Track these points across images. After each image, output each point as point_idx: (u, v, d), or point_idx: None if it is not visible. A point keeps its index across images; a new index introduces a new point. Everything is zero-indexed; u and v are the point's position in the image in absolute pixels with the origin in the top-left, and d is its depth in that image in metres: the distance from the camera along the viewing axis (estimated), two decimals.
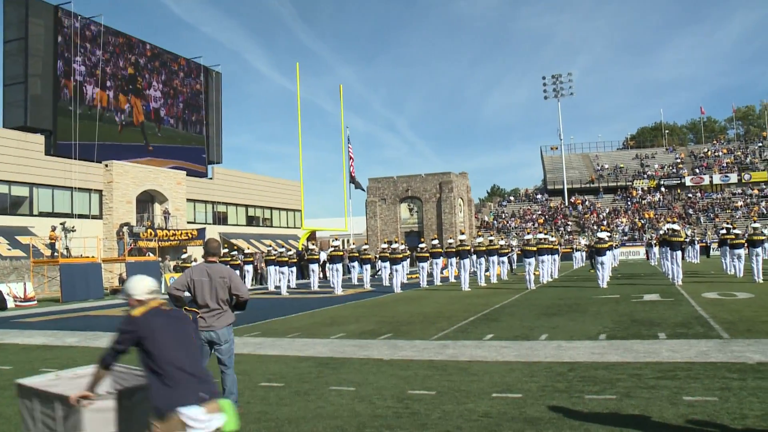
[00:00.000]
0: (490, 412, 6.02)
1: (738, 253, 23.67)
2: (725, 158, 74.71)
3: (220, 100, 51.72)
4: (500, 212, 75.38)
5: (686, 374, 7.25)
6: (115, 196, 38.67)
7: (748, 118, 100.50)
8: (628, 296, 17.56)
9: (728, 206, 64.81)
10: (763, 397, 6.13)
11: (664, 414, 5.71)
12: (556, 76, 76.73)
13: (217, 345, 6.33)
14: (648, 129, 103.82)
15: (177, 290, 6.41)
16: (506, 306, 16.43)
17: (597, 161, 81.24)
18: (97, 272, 27.89)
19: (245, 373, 8.30)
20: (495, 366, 8.28)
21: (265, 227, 54.85)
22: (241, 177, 52.98)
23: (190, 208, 46.14)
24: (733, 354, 8.31)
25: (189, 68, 48.12)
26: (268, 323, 14.65)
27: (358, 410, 6.29)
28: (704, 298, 15.87)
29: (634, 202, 69.98)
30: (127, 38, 42.61)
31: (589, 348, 9.34)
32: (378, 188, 61.97)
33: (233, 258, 29.46)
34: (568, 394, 6.60)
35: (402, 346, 10.33)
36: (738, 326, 10.75)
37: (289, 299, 22.74)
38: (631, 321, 12.19)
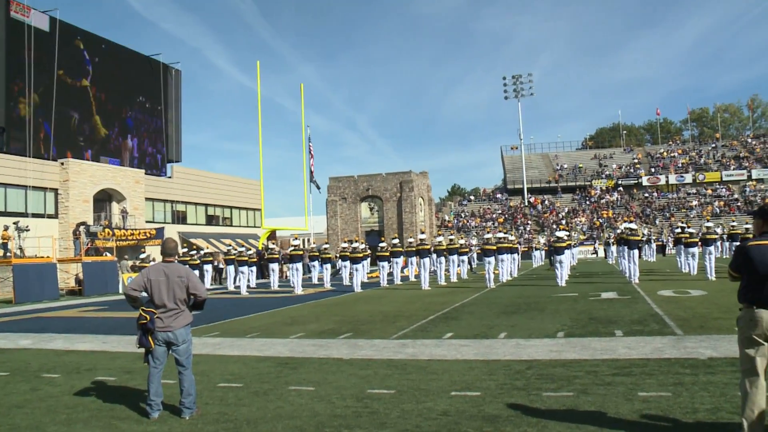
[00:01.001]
0: (449, 411, 6.05)
1: (692, 252, 24.16)
2: (680, 159, 76.28)
3: (180, 98, 51.15)
4: (460, 211, 75.82)
5: (641, 370, 7.37)
6: (71, 195, 37.94)
7: (702, 120, 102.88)
8: (586, 294, 17.79)
9: (683, 206, 66.16)
10: (713, 391, 6.27)
11: (620, 410, 5.80)
12: (516, 77, 77.49)
13: (174, 345, 6.26)
14: (606, 129, 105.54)
15: (134, 290, 6.33)
16: (466, 305, 16.52)
17: (556, 161, 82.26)
18: (53, 273, 27.36)
19: (204, 373, 8.22)
20: (454, 364, 8.32)
21: (225, 226, 54.36)
22: (200, 176, 52.42)
23: (149, 207, 45.51)
24: (686, 350, 8.47)
25: (147, 65, 47.45)
26: (227, 323, 14.53)
27: (318, 410, 6.27)
28: (660, 296, 16.16)
29: (593, 201, 70.97)
30: (83, 33, 41.84)
31: (547, 346, 9.43)
32: (339, 187, 61.87)
33: (192, 258, 29.16)
34: (526, 391, 6.66)
35: (362, 345, 10.32)
36: (691, 323, 10.97)
37: (248, 299, 22.58)
38: (589, 319, 12.35)
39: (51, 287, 26.64)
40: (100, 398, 7.15)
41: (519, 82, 77.47)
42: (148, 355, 6.27)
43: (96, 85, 42.39)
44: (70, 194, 37.84)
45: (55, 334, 13.59)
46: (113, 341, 12.07)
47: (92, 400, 7.12)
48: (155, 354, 6.24)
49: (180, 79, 51.23)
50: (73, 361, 9.86)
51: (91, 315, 18.72)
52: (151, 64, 47.87)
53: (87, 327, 15.11)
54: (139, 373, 8.18)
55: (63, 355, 10.74)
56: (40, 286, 26.03)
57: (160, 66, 48.73)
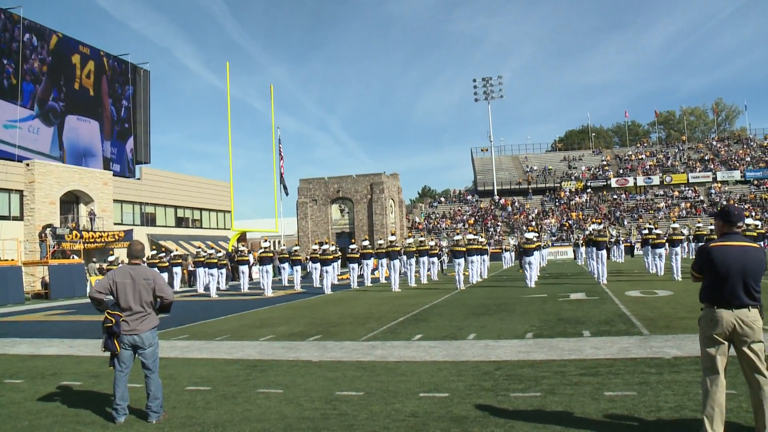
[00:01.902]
0: (417, 412, 6.07)
1: (659, 253, 24.49)
2: (648, 161, 77.27)
3: (148, 99, 50.64)
4: (431, 213, 76.03)
5: (608, 370, 7.46)
6: (37, 197, 37.34)
7: (669, 123, 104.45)
8: (555, 295, 17.94)
9: (651, 207, 67.02)
10: (677, 389, 6.37)
11: (586, 409, 5.87)
12: (486, 79, 78.00)
13: (141, 349, 6.20)
14: (576, 132, 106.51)
15: (99, 293, 6.25)
16: (436, 306, 16.58)
17: (526, 163, 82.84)
18: (17, 276, 26.93)
19: (171, 377, 8.15)
20: (423, 366, 8.35)
21: (195, 228, 53.91)
22: (169, 177, 51.95)
23: (117, 209, 44.98)
24: (652, 350, 8.59)
25: (115, 66, 46.94)
26: (196, 326, 14.43)
27: (286, 412, 6.26)
28: (627, 296, 16.35)
29: (562, 203, 71.60)
30: (49, 33, 41.24)
31: (516, 347, 9.50)
32: (309, 189, 61.70)
33: (161, 260, 28.89)
34: (494, 392, 6.70)
35: (331, 347, 10.31)
36: (657, 323, 11.12)
37: (218, 301, 22.44)
38: (558, 319, 12.46)
39: (16, 291, 26.22)
40: (65, 403, 7.06)
41: (489, 84, 77.98)
42: (113, 358, 6.21)
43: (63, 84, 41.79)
44: (36, 196, 37.24)
45: (19, 339, 13.39)
46: (80, 345, 11.92)
47: (57, 405, 7.02)
48: (121, 357, 6.17)
49: (149, 80, 50.73)
50: (37, 366, 9.72)
51: (57, 319, 18.48)
52: (118, 63, 47.33)
53: (53, 331, 14.91)
54: (106, 378, 8.08)
55: (27, 360, 10.57)
56: (5, 290, 25.60)
57: (128, 66, 48.21)
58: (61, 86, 41.51)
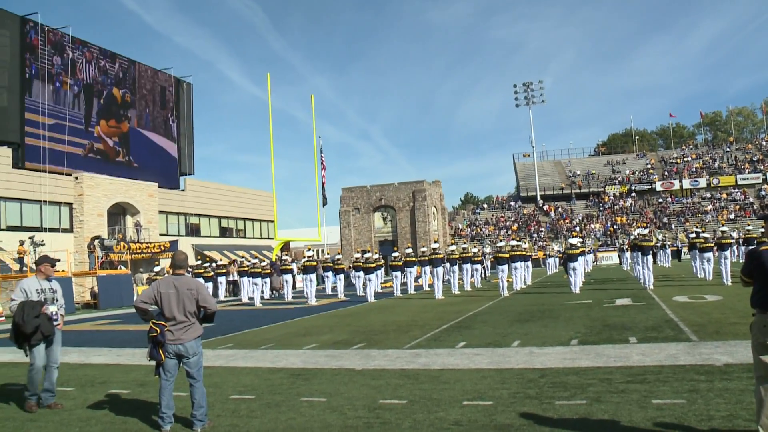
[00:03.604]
0: (461, 420, 6.01)
1: (707, 257, 23.94)
2: (694, 163, 75.83)
3: (192, 111, 51.45)
4: (474, 220, 75.68)
5: (656, 378, 7.30)
6: (85, 209, 38.21)
7: (716, 124, 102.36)
8: (600, 301, 17.68)
9: (698, 210, 65.71)
10: (729, 398, 6.19)
11: (633, 418, 5.75)
12: (527, 84, 77.54)
13: (185, 358, 6.26)
14: (619, 135, 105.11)
15: (144, 303, 6.35)
16: (479, 313, 16.46)
17: (569, 168, 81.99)
18: (68, 286, 27.48)
19: (216, 385, 8.22)
20: (467, 374, 8.28)
21: (239, 238, 54.52)
22: (213, 188, 52.64)
23: (163, 221, 45.74)
24: (701, 356, 8.39)
25: (159, 79, 47.78)
26: (240, 335, 14.55)
27: (329, 421, 6.26)
28: (675, 302, 16.02)
29: (607, 207, 70.64)
30: (95, 49, 42.19)
31: (560, 354, 9.37)
32: (351, 197, 61.89)
33: (206, 270, 29.23)
34: (538, 400, 6.61)
35: (374, 355, 10.30)
36: (707, 329, 10.86)
37: (262, 310, 22.60)
38: (603, 326, 12.26)
39: (67, 301, 26.28)
40: (113, 411, 7.17)
41: (530, 89, 77.50)
42: (159, 368, 6.28)
43: (108, 99, 42.70)
44: (84, 208, 38.11)
45: (70, 348, 13.63)
46: (127, 354, 12.11)
47: (105, 413, 7.14)
48: (166, 367, 6.24)
49: (191, 93, 51.53)
50: (87, 375, 9.90)
51: (106, 328, 18.82)
52: (163, 78, 48.16)
53: (102, 340, 15.18)
54: (153, 386, 8.18)
55: (77, 368, 10.78)
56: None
57: (172, 80, 49.03)
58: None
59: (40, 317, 7.33)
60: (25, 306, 7.34)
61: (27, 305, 7.34)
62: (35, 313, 7.31)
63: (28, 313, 7.27)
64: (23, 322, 7.23)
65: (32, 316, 7.28)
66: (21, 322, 7.24)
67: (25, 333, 7.29)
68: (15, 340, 7.44)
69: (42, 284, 7.70)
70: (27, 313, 7.28)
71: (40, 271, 7.82)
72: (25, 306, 7.34)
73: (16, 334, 7.38)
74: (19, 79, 36.17)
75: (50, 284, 7.81)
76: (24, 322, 7.23)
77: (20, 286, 7.62)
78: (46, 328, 7.40)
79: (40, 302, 7.47)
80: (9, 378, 10.05)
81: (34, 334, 7.31)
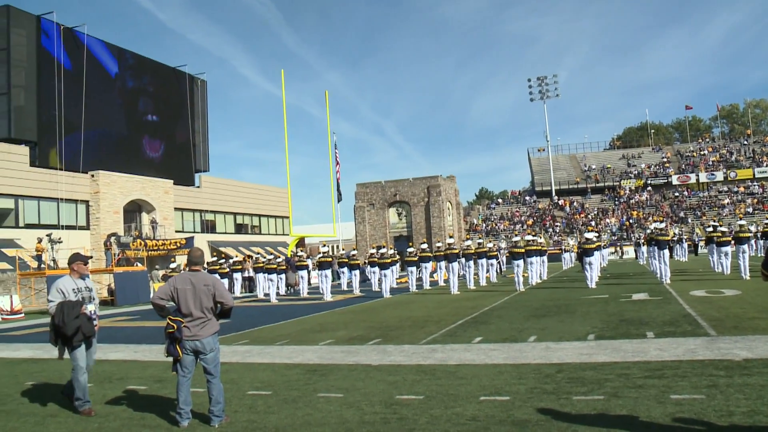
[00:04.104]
0: (478, 416, 6.00)
1: (725, 251, 23.74)
2: (711, 156, 75.24)
3: (206, 108, 51.63)
4: (489, 215, 75.51)
5: (674, 373, 7.25)
6: (102, 207, 38.47)
7: (733, 117, 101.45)
8: (617, 296, 17.60)
9: (715, 204, 65.19)
10: (749, 393, 6.14)
11: (652, 413, 5.71)
12: (541, 78, 77.18)
13: (202, 354, 6.28)
14: (634, 129, 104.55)
15: (160, 300, 6.37)
16: (495, 308, 16.42)
17: (584, 162, 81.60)
18: None
19: (233, 381, 8.25)
20: (483, 369, 8.25)
21: (254, 235, 54.69)
22: (228, 185, 52.82)
23: (178, 217, 45.96)
24: (720, 351, 8.33)
25: (173, 77, 47.96)
26: (257, 331, 14.58)
27: (346, 417, 6.26)
28: (692, 296, 15.91)
29: (622, 201, 70.25)
30: (111, 48, 42.42)
31: (577, 349, 9.33)
32: (366, 193, 61.89)
33: (222, 266, 29.34)
34: (556, 395, 6.58)
35: (391, 351, 10.29)
36: (725, 323, 10.78)
37: (278, 306, 22.65)
38: (620, 321, 12.20)
39: None
40: (131, 407, 7.21)
41: (544, 83, 77.15)
42: (176, 364, 6.30)
43: (123, 98, 42.94)
44: (100, 206, 38.38)
45: None
46: (144, 350, 12.18)
47: (123, 408, 7.18)
48: (183, 363, 6.26)
49: (206, 90, 51.70)
50: (105, 371, 9.95)
51: (122, 325, 18.94)
52: (177, 75, 48.35)
53: (119, 337, 15.26)
54: (170, 382, 8.21)
55: (95, 364, 10.83)
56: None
57: (186, 77, 49.20)
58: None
59: (80, 317, 7.10)
60: (64, 307, 7.09)
61: (66, 306, 7.10)
62: (75, 314, 7.08)
63: (68, 314, 7.03)
64: (64, 324, 6.99)
65: (72, 317, 7.04)
66: (62, 324, 7.00)
67: (67, 335, 7.04)
68: (55, 343, 7.20)
69: (77, 283, 7.44)
70: (67, 314, 7.03)
71: (74, 269, 7.54)
72: (64, 307, 7.09)
73: (57, 336, 7.14)
74: (36, 78, 36.44)
75: (85, 283, 7.55)
76: (65, 323, 6.99)
77: (56, 287, 7.35)
78: (87, 328, 7.17)
79: (79, 302, 7.23)
80: (29, 375, 10.13)
81: (75, 336, 7.07)
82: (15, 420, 6.97)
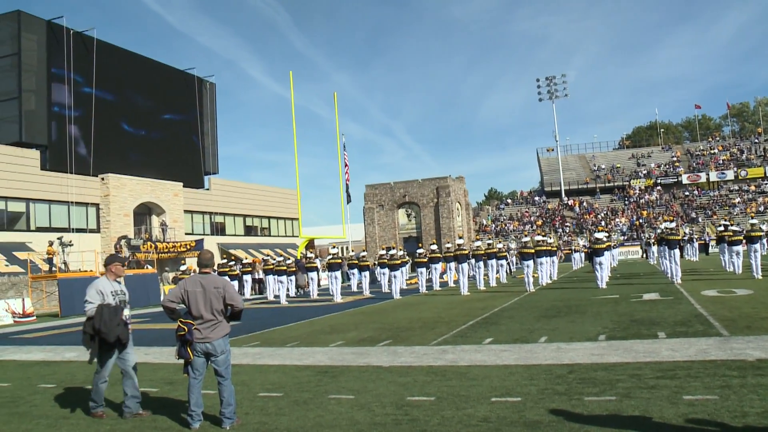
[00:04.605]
0: (490, 417, 5.98)
1: (736, 250, 23.61)
2: (721, 155, 74.82)
3: (215, 111, 51.77)
4: (498, 215, 75.38)
5: (686, 373, 7.21)
6: (112, 210, 38.64)
7: (743, 115, 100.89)
8: (628, 296, 17.53)
9: (726, 203, 64.84)
10: (764, 394, 6.09)
11: (665, 414, 5.68)
12: (550, 78, 77.00)
13: (213, 356, 6.28)
14: (643, 128, 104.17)
15: (171, 302, 6.39)
16: (505, 309, 16.39)
17: (593, 162, 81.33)
18: None
19: (244, 383, 8.26)
20: (494, 370, 8.23)
21: (264, 236, 54.78)
22: (237, 187, 52.95)
23: (188, 220, 46.10)
24: (733, 351, 8.28)
25: (182, 80, 48.09)
26: (267, 333, 14.60)
27: (357, 418, 6.25)
28: (704, 296, 15.83)
29: (632, 201, 69.98)
30: (119, 51, 42.59)
31: (588, 349, 9.30)
32: (375, 194, 61.90)
33: (232, 268, 29.40)
34: (567, 396, 6.56)
35: (401, 352, 10.28)
36: (738, 323, 10.72)
37: (288, 308, 22.67)
38: (631, 321, 12.15)
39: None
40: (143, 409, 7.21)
41: (553, 83, 76.97)
42: (187, 366, 6.32)
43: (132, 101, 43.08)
44: (111, 209, 38.55)
45: None
46: (155, 353, 12.20)
47: None
48: (194, 365, 6.27)
49: (214, 92, 51.84)
50: (116, 373, 9.93)
51: (133, 327, 18.91)
52: (186, 78, 48.48)
53: None
54: (181, 384, 8.23)
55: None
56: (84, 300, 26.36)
57: (195, 80, 49.34)
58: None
59: (120, 324, 6.91)
60: (104, 311, 6.84)
61: (106, 310, 6.85)
62: (117, 321, 6.87)
63: (111, 320, 6.80)
64: (107, 331, 6.75)
65: (115, 324, 6.83)
66: (104, 329, 6.75)
67: (108, 341, 6.82)
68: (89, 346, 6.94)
69: (114, 286, 7.19)
70: (110, 319, 6.80)
71: (111, 271, 7.31)
72: (104, 311, 6.84)
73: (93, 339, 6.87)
74: (46, 82, 36.63)
75: (120, 286, 7.30)
76: (108, 330, 6.76)
77: (95, 288, 7.05)
78: (124, 334, 6.97)
79: (120, 307, 7.03)
80: (41, 377, 10.18)
81: (116, 343, 6.90)
82: (28, 422, 7.00)
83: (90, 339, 6.91)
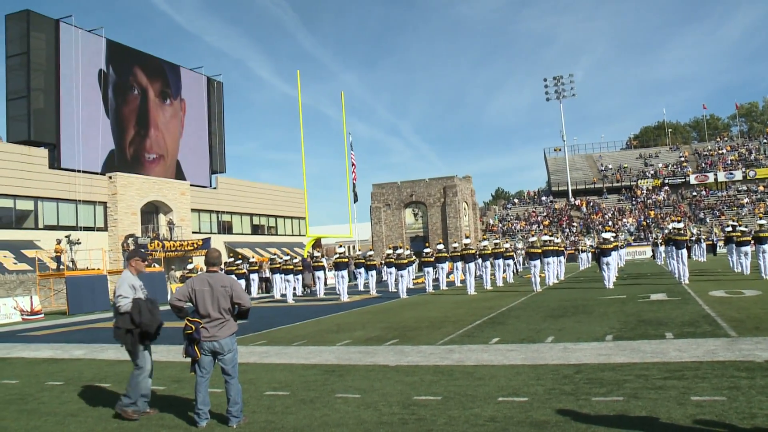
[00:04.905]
0: (496, 417, 5.97)
1: (744, 251, 23.51)
2: (729, 155, 74.51)
3: (222, 110, 51.83)
4: (505, 215, 75.28)
5: (694, 374, 7.19)
6: (119, 208, 38.75)
7: (752, 115, 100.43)
8: (635, 296, 17.49)
9: (734, 203, 64.58)
10: None
11: (672, 415, 5.66)
12: (557, 78, 76.78)
13: (220, 355, 6.30)
14: (651, 128, 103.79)
15: (178, 301, 6.40)
16: (512, 309, 16.37)
17: (601, 162, 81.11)
18: (103, 284, 27.85)
19: (251, 382, 8.27)
20: (501, 370, 8.23)
21: (271, 235, 54.85)
22: (245, 186, 53.03)
23: (195, 218, 46.19)
24: (741, 352, 8.24)
25: (190, 79, 48.18)
26: (274, 331, 14.62)
27: (364, 417, 6.25)
28: (711, 297, 15.78)
29: (639, 201, 69.78)
30: (128, 50, 42.71)
31: (595, 349, 9.28)
32: (382, 194, 61.89)
33: (239, 267, 29.45)
34: (574, 396, 6.55)
35: (408, 351, 10.28)
36: (746, 324, 10.68)
37: (295, 307, 22.69)
38: (638, 321, 12.13)
39: (102, 298, 27.09)
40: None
41: (560, 83, 76.75)
42: (194, 364, 6.33)
43: (140, 99, 43.18)
44: (118, 207, 38.65)
45: (106, 345, 13.80)
46: (162, 351, 12.20)
47: None
48: (201, 363, 6.29)
49: (222, 91, 51.90)
50: (124, 371, 10.01)
51: None
52: (193, 77, 48.57)
53: None
54: (188, 383, 8.26)
55: (114, 364, 10.92)
56: (92, 298, 26.51)
57: (203, 79, 49.42)
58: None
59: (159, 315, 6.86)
60: (143, 304, 6.82)
61: (144, 303, 6.82)
62: (157, 311, 6.86)
63: (152, 311, 6.79)
64: (150, 322, 6.73)
65: (156, 315, 6.82)
66: (147, 321, 6.72)
67: (151, 333, 6.81)
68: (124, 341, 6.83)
69: (138, 280, 7.16)
70: (151, 311, 6.78)
71: (132, 266, 7.26)
72: (143, 304, 6.82)
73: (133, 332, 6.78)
74: (55, 81, 36.75)
75: (140, 281, 7.21)
76: (150, 322, 6.73)
77: (128, 282, 6.96)
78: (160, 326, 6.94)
79: (155, 299, 7.00)
80: (49, 375, 10.21)
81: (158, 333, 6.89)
82: (36, 419, 7.03)
83: (125, 333, 6.83)
